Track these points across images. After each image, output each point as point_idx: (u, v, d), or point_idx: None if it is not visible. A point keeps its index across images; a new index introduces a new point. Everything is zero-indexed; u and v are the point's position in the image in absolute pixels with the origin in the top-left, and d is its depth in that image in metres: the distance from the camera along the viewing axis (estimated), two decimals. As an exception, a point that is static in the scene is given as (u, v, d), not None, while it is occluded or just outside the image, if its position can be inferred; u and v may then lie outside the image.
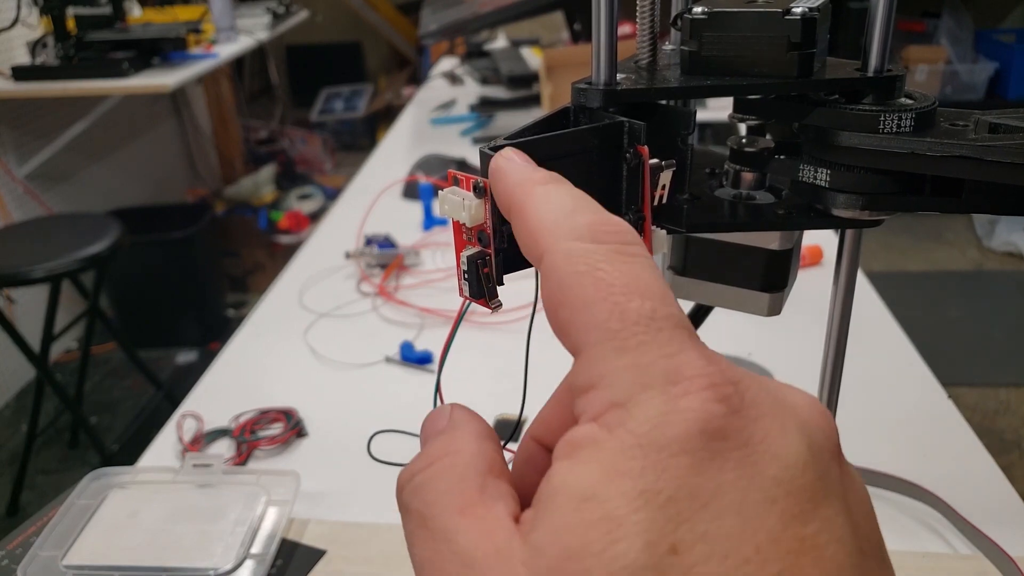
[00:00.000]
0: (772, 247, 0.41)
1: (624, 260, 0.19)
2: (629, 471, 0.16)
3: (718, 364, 0.18)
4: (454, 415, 0.22)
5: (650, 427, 0.17)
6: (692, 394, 0.17)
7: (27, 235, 1.86)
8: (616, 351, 0.18)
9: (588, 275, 0.19)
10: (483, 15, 1.58)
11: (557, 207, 0.21)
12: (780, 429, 0.17)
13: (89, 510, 0.63)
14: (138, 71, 2.13)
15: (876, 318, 0.90)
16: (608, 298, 0.18)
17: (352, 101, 4.35)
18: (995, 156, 0.32)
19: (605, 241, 0.20)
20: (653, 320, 0.18)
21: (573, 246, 0.20)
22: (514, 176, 0.23)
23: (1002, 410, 2.12)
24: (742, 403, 0.17)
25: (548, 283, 0.20)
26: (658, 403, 0.17)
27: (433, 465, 0.20)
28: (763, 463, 0.17)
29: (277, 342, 0.92)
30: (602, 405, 0.18)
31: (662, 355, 0.18)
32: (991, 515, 0.58)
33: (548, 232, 0.20)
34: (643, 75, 0.35)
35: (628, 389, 0.17)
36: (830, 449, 0.18)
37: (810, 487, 0.17)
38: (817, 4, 0.34)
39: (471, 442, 0.21)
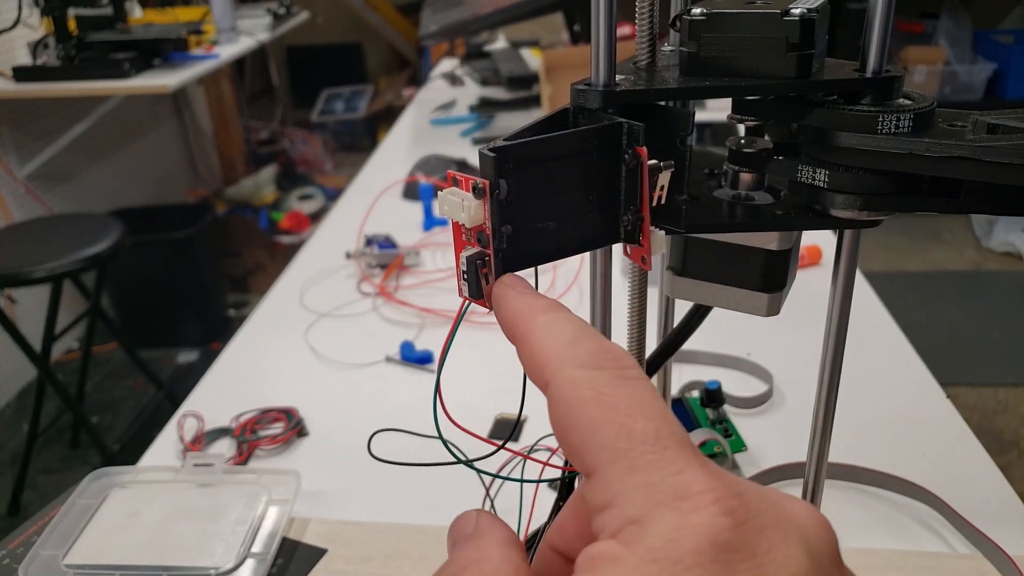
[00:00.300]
0: (771, 247, 0.41)
1: (625, 384, 0.21)
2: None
3: (722, 478, 0.19)
4: (480, 522, 0.23)
5: (665, 542, 0.18)
6: (701, 509, 0.18)
7: (28, 235, 1.86)
8: (627, 470, 0.19)
9: (594, 400, 0.21)
10: (483, 16, 1.58)
11: (559, 336, 0.23)
12: (783, 539, 0.18)
13: (90, 509, 0.63)
14: (139, 72, 2.13)
15: (875, 318, 0.91)
16: (615, 420, 0.20)
17: (352, 102, 4.35)
18: (993, 157, 0.32)
19: (606, 367, 0.21)
20: (659, 439, 0.20)
21: (577, 373, 0.21)
22: (516, 304, 0.25)
23: (1000, 410, 2.12)
24: (747, 515, 0.18)
25: (556, 408, 0.22)
26: (670, 519, 0.18)
27: (463, 572, 0.22)
28: (770, 573, 0.18)
29: (278, 342, 0.92)
30: (619, 522, 0.19)
31: (670, 472, 0.19)
32: (989, 514, 0.59)
33: (552, 361, 0.22)
34: (642, 76, 0.36)
35: (642, 506, 0.19)
36: (829, 555, 0.19)
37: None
38: (816, 5, 0.34)
39: (498, 549, 0.22)
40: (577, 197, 0.30)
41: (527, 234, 0.28)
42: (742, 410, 0.74)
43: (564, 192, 0.30)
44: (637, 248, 0.31)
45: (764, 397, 0.74)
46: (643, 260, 0.31)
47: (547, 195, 0.29)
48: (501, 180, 0.27)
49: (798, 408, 0.75)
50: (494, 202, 0.27)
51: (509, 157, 0.27)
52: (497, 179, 0.27)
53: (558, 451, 0.66)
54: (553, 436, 0.73)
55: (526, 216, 0.28)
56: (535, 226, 0.29)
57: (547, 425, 0.24)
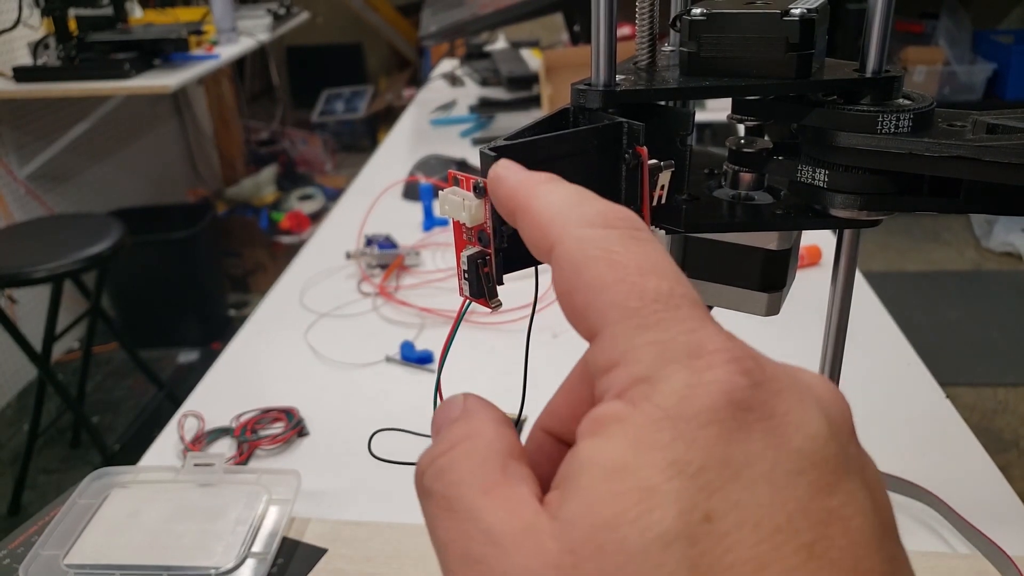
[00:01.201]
0: (770, 247, 0.41)
1: (636, 243, 0.20)
2: (658, 442, 0.17)
3: (737, 340, 0.18)
4: (468, 403, 0.22)
5: (677, 399, 0.17)
6: (716, 367, 0.17)
7: (29, 235, 1.87)
8: (637, 328, 0.18)
9: (603, 259, 0.19)
10: (483, 16, 1.58)
11: (563, 199, 0.22)
12: (800, 403, 0.18)
13: (91, 509, 0.63)
14: (139, 72, 2.13)
15: (874, 318, 0.91)
16: (625, 279, 0.19)
17: (353, 102, 4.35)
18: (992, 156, 0.32)
19: (616, 226, 0.20)
20: (671, 298, 0.18)
21: (584, 232, 0.20)
22: (514, 178, 0.24)
23: (1000, 410, 2.12)
24: (764, 376, 0.18)
25: (561, 270, 0.20)
26: (683, 376, 0.17)
27: (454, 448, 0.20)
28: (788, 434, 0.17)
29: (278, 342, 0.92)
30: (627, 381, 0.18)
31: (683, 330, 0.18)
32: (989, 514, 0.59)
33: (558, 223, 0.21)
34: (642, 76, 0.36)
35: (652, 364, 0.18)
36: (846, 426, 0.19)
37: (833, 460, 0.17)
38: (815, 5, 0.34)
39: (490, 426, 0.21)
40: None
41: (527, 234, 0.28)
42: (742, 410, 0.74)
43: (564, 192, 0.30)
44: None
45: (764, 397, 0.74)
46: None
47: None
48: (501, 180, 0.27)
49: (798, 408, 0.74)
50: (495, 206, 0.27)
51: (510, 156, 0.27)
52: (497, 179, 0.27)
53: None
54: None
55: (526, 216, 0.28)
56: (535, 226, 0.29)
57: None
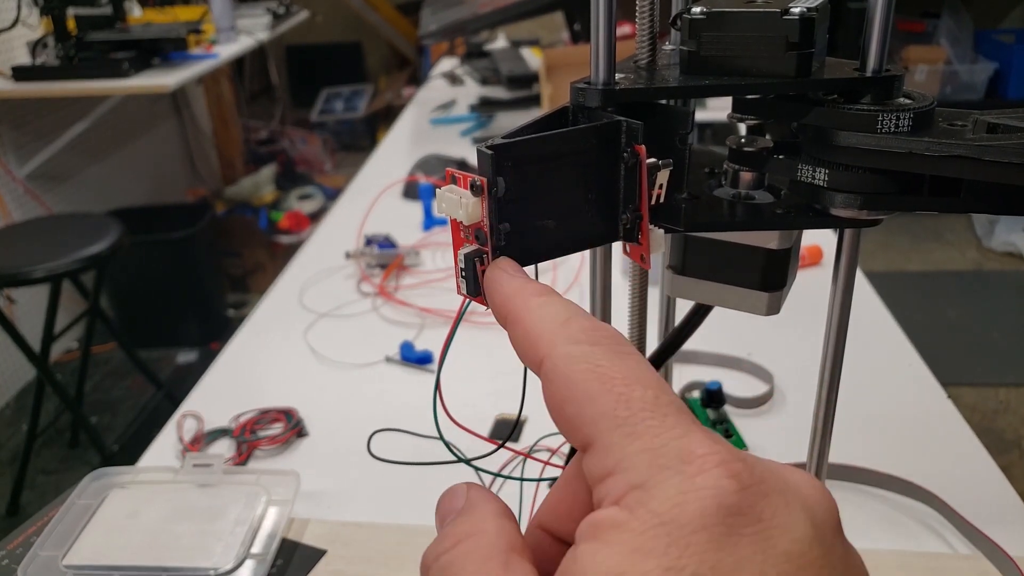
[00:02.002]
0: (771, 246, 0.41)
1: (621, 356, 0.21)
2: (653, 550, 0.17)
3: (724, 443, 0.19)
4: (471, 495, 0.23)
5: (671, 506, 0.18)
6: (706, 472, 0.18)
7: (27, 235, 1.86)
8: (627, 437, 0.19)
9: (590, 371, 0.20)
10: (483, 15, 1.58)
11: (552, 316, 0.23)
12: (786, 505, 0.18)
13: (89, 510, 0.63)
14: (138, 71, 2.13)
15: (875, 318, 0.91)
16: (612, 390, 0.20)
17: (352, 101, 4.35)
18: (993, 156, 0.32)
19: (600, 343, 0.21)
20: (657, 406, 0.19)
21: (572, 349, 0.21)
22: (508, 288, 0.25)
23: (1001, 410, 2.12)
24: (752, 479, 0.18)
25: (551, 385, 0.21)
26: (675, 482, 0.18)
27: (458, 546, 0.21)
28: (775, 539, 0.18)
29: (277, 342, 0.92)
30: (622, 488, 0.18)
31: (672, 437, 0.19)
32: (991, 515, 0.58)
33: (546, 339, 0.22)
34: (642, 75, 0.35)
35: (645, 471, 0.18)
36: (832, 525, 0.19)
37: (818, 562, 0.18)
38: (816, 4, 0.34)
39: (492, 521, 0.22)
40: (576, 195, 0.30)
41: (525, 232, 0.28)
42: (743, 410, 0.74)
43: (563, 190, 0.30)
44: (636, 247, 0.31)
45: (765, 397, 0.74)
46: (642, 259, 0.31)
47: (546, 193, 0.29)
48: (499, 178, 0.27)
49: (799, 408, 0.74)
50: (492, 200, 0.27)
51: (507, 155, 0.27)
52: (495, 177, 0.27)
53: (558, 451, 0.66)
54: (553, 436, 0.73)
55: (524, 214, 0.28)
56: (533, 224, 0.29)
57: (547, 425, 0.24)
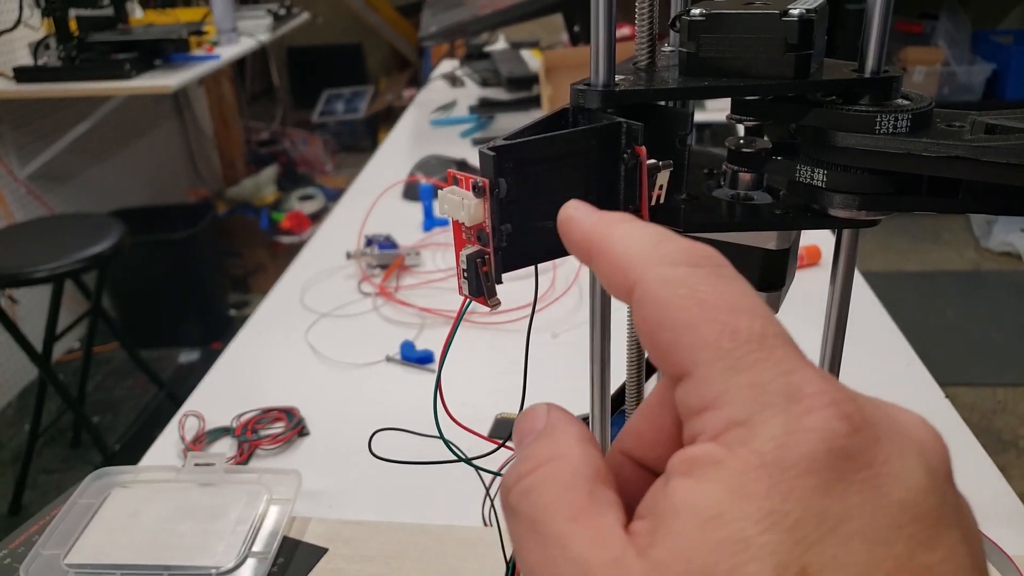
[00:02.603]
0: (769, 247, 0.41)
1: (723, 280, 0.19)
2: (755, 492, 0.16)
3: (835, 382, 0.18)
4: (552, 416, 0.22)
5: (774, 446, 0.16)
6: (815, 412, 0.17)
7: (30, 235, 1.87)
8: (731, 369, 0.18)
9: (690, 297, 0.19)
10: (483, 17, 1.58)
11: (643, 238, 0.21)
12: (900, 451, 0.17)
13: (91, 509, 0.63)
14: (140, 72, 2.13)
15: (874, 318, 0.91)
16: (716, 318, 0.18)
17: (353, 102, 4.35)
18: (991, 156, 0.32)
19: (700, 264, 0.20)
20: (765, 338, 0.18)
21: (668, 271, 0.20)
22: (587, 220, 0.23)
23: (999, 410, 2.12)
24: (864, 422, 0.17)
25: (644, 310, 0.20)
26: (781, 421, 0.17)
27: (541, 469, 0.20)
28: (887, 486, 0.16)
29: (279, 342, 0.92)
30: (722, 424, 0.17)
31: (780, 372, 0.17)
32: (989, 515, 0.59)
33: (639, 263, 0.20)
34: (641, 76, 0.36)
35: (748, 407, 0.17)
36: (945, 473, 0.18)
37: (934, 512, 0.17)
38: (814, 6, 0.34)
39: (576, 446, 0.20)
40: (576, 196, 0.30)
41: (527, 232, 0.29)
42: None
43: (563, 191, 0.30)
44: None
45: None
46: (642, 259, 0.32)
47: (546, 194, 0.29)
48: (501, 179, 0.27)
49: (798, 408, 0.75)
50: (494, 201, 0.27)
51: (509, 156, 0.27)
52: (497, 178, 0.27)
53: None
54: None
55: (526, 215, 0.28)
56: (535, 224, 0.29)
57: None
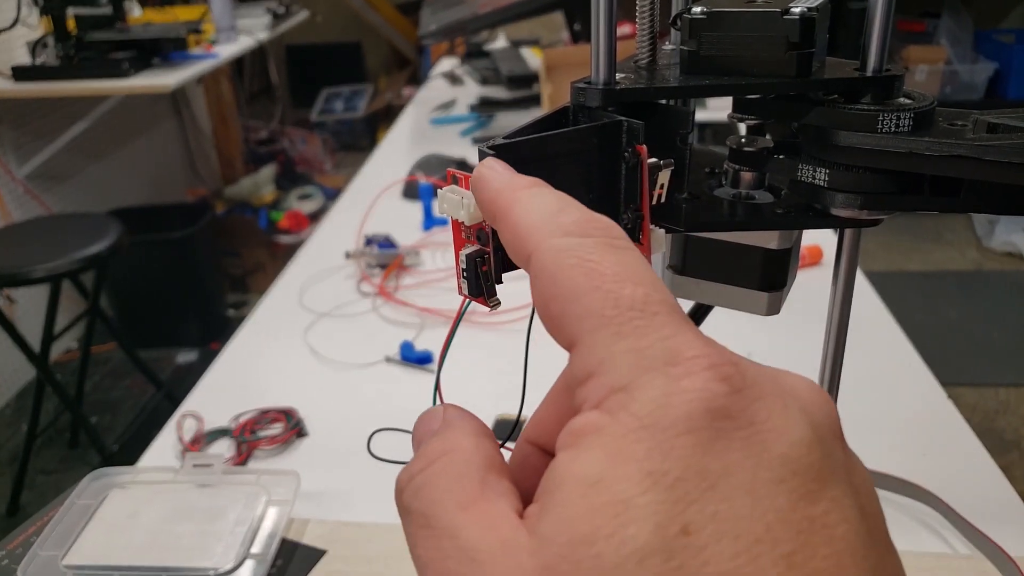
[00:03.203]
0: (771, 246, 0.41)
1: (613, 251, 0.20)
2: (634, 454, 0.16)
3: (716, 346, 0.18)
4: (448, 414, 0.22)
5: (653, 408, 0.17)
6: (694, 374, 0.17)
7: (27, 235, 1.86)
8: (613, 336, 0.18)
9: (578, 267, 0.19)
10: (483, 15, 1.58)
11: (542, 207, 0.21)
12: (783, 409, 0.17)
13: (89, 510, 0.63)
14: (138, 71, 2.13)
15: (876, 318, 0.91)
16: (601, 286, 0.19)
17: (352, 101, 4.35)
18: (993, 156, 0.32)
19: (592, 235, 0.20)
20: (648, 304, 0.18)
21: (561, 241, 0.20)
22: (496, 183, 0.23)
23: (1002, 410, 2.12)
24: (744, 383, 0.17)
25: (538, 280, 0.20)
26: (660, 384, 0.17)
27: (432, 465, 0.20)
28: (769, 442, 0.17)
29: (277, 342, 0.92)
30: (603, 391, 0.17)
31: (660, 338, 0.18)
32: (991, 515, 0.58)
33: (535, 231, 0.21)
34: (642, 75, 0.35)
35: (628, 373, 0.17)
36: (832, 429, 0.18)
37: (816, 466, 0.17)
38: (816, 4, 0.34)
39: (468, 439, 0.21)
40: (577, 195, 0.30)
41: (527, 233, 0.28)
42: (742, 410, 0.74)
43: (563, 190, 0.29)
44: (637, 246, 0.31)
45: (764, 397, 0.74)
46: (643, 259, 0.31)
47: (547, 194, 0.29)
48: (500, 179, 0.27)
49: (798, 408, 0.74)
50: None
51: (508, 155, 0.27)
52: (496, 178, 0.27)
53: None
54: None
55: (525, 215, 0.28)
56: (535, 225, 0.29)
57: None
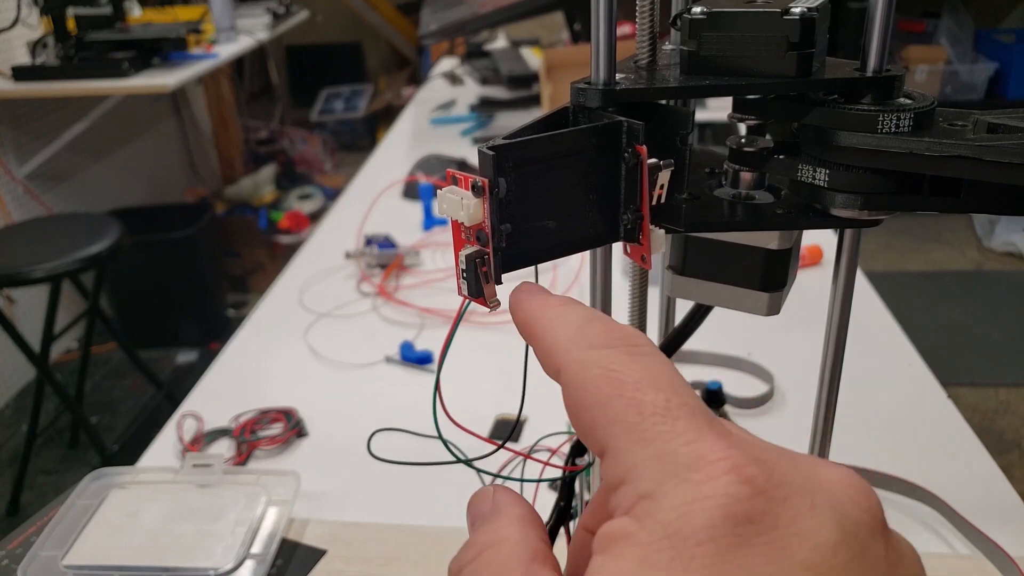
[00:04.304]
0: (771, 246, 0.41)
1: (635, 359, 0.20)
2: (659, 563, 0.17)
3: (741, 446, 0.18)
4: (497, 498, 0.23)
5: (675, 516, 0.17)
6: (715, 479, 0.17)
7: (27, 235, 1.86)
8: (638, 443, 0.18)
9: (603, 377, 0.20)
10: (483, 15, 1.58)
11: (569, 323, 0.22)
12: (809, 509, 0.17)
13: (89, 510, 0.63)
14: (138, 71, 2.13)
15: (876, 318, 0.91)
16: (624, 394, 0.19)
17: (352, 101, 4.35)
18: (993, 156, 0.32)
19: (615, 345, 0.21)
20: (669, 410, 0.19)
21: (586, 354, 0.21)
22: (531, 304, 0.24)
23: (1002, 410, 2.12)
24: (768, 483, 0.17)
25: (567, 392, 0.21)
26: (682, 491, 0.17)
27: (480, 557, 0.21)
28: (792, 547, 0.16)
29: (277, 342, 0.92)
30: (632, 497, 0.18)
31: (682, 443, 0.18)
32: (991, 515, 0.58)
33: (563, 347, 0.22)
34: (642, 75, 0.35)
35: (654, 479, 0.18)
36: (869, 524, 0.18)
37: (843, 569, 0.16)
38: (816, 4, 0.34)
39: (515, 529, 0.21)
40: (577, 196, 0.30)
41: (526, 232, 0.28)
42: (743, 410, 0.74)
43: (564, 191, 0.29)
44: (637, 247, 0.31)
45: (765, 397, 0.74)
46: (643, 259, 0.31)
47: (546, 194, 0.29)
48: (500, 178, 0.27)
49: (799, 408, 0.74)
50: (493, 200, 0.27)
51: (508, 156, 0.27)
52: (496, 177, 0.27)
53: (558, 451, 0.66)
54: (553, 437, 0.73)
55: (525, 215, 0.28)
56: (534, 224, 0.29)
57: (547, 425, 0.24)
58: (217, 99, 3.49)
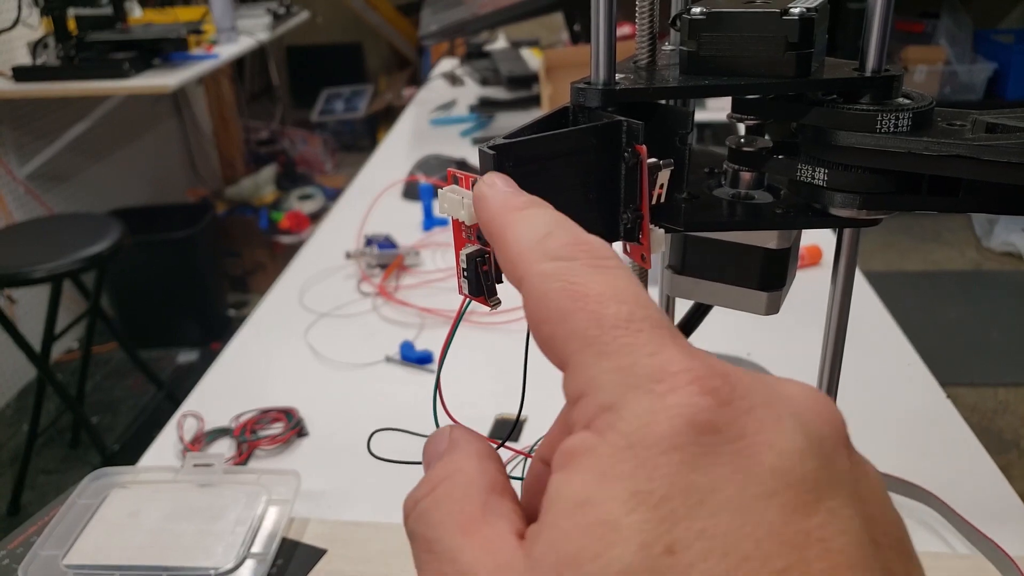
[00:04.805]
0: (770, 246, 0.41)
1: (597, 271, 0.20)
2: (621, 473, 0.16)
3: (703, 358, 0.18)
4: (453, 435, 0.22)
5: (638, 426, 0.17)
6: (678, 389, 0.17)
7: (28, 235, 1.86)
8: (598, 356, 0.18)
9: (563, 289, 0.19)
10: (483, 16, 1.58)
11: (532, 232, 0.22)
12: (775, 419, 0.17)
13: (90, 510, 0.63)
14: (139, 71, 2.13)
15: (875, 318, 0.91)
16: (584, 307, 0.19)
17: (352, 102, 4.35)
18: (992, 156, 0.32)
19: (578, 257, 0.20)
20: (631, 322, 0.18)
21: (547, 266, 0.20)
22: (494, 203, 0.24)
23: (1001, 410, 2.12)
24: (732, 395, 0.17)
25: (528, 304, 0.20)
26: (645, 402, 0.17)
27: (436, 489, 0.20)
28: (759, 455, 0.16)
29: (278, 342, 0.92)
30: (592, 411, 0.18)
31: (644, 355, 0.18)
32: (990, 515, 0.58)
33: (525, 257, 0.21)
34: (642, 75, 0.36)
35: (615, 392, 0.17)
36: (833, 437, 0.18)
37: (811, 477, 0.16)
38: (815, 4, 0.34)
39: (471, 461, 0.21)
40: (576, 195, 0.30)
41: (526, 233, 0.28)
42: (742, 410, 0.74)
43: (563, 190, 0.30)
44: (636, 246, 0.31)
45: (764, 397, 0.74)
46: (642, 258, 0.31)
47: (547, 193, 0.29)
48: (501, 178, 0.27)
49: (798, 408, 0.74)
50: None
51: (508, 155, 0.27)
52: (496, 177, 0.27)
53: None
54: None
55: (525, 215, 0.28)
56: (534, 225, 0.29)
57: (547, 424, 0.24)
58: (218, 99, 3.49)
